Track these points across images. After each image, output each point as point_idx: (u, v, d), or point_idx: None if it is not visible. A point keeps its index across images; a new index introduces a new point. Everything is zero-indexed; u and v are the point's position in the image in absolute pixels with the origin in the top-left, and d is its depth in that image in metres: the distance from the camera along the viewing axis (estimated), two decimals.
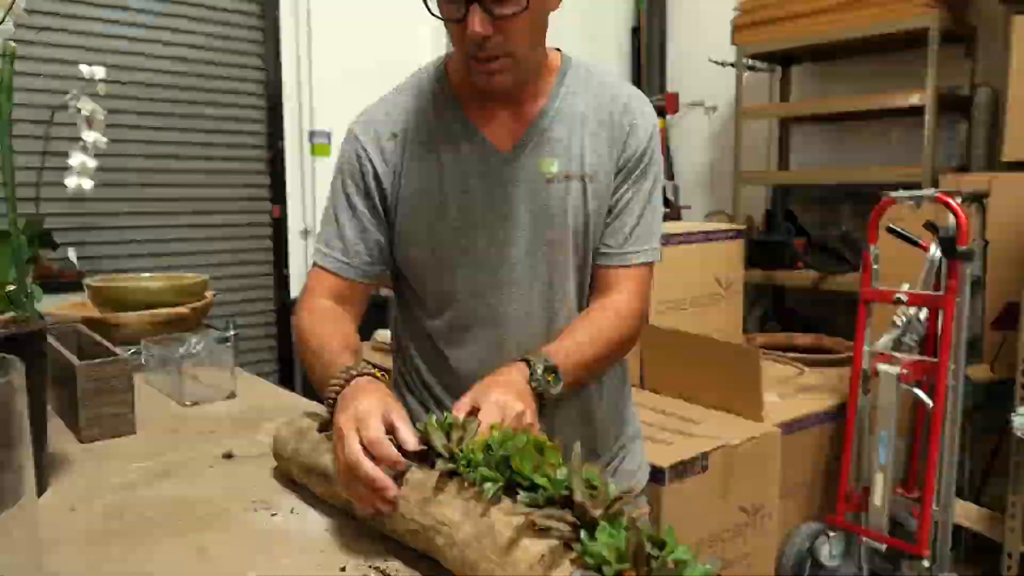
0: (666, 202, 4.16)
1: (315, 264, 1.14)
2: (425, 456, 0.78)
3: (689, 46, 4.34)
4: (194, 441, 1.15)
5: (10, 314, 0.91)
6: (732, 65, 3.84)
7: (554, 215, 1.09)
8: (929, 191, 2.03)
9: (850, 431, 2.21)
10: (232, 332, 1.78)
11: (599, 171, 1.10)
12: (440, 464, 0.74)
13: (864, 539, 2.14)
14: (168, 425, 1.22)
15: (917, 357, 2.08)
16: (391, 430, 0.79)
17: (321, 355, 0.97)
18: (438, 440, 0.76)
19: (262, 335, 3.55)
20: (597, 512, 0.59)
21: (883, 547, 2.09)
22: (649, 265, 1.14)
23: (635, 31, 4.53)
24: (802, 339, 3.32)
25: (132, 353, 1.60)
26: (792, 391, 2.52)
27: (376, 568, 0.76)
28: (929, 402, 2.05)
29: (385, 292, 1.35)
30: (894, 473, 2.12)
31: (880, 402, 2.09)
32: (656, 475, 1.84)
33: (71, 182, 2.58)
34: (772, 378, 2.59)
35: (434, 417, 0.80)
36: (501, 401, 0.83)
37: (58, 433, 1.17)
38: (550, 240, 1.09)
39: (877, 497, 2.08)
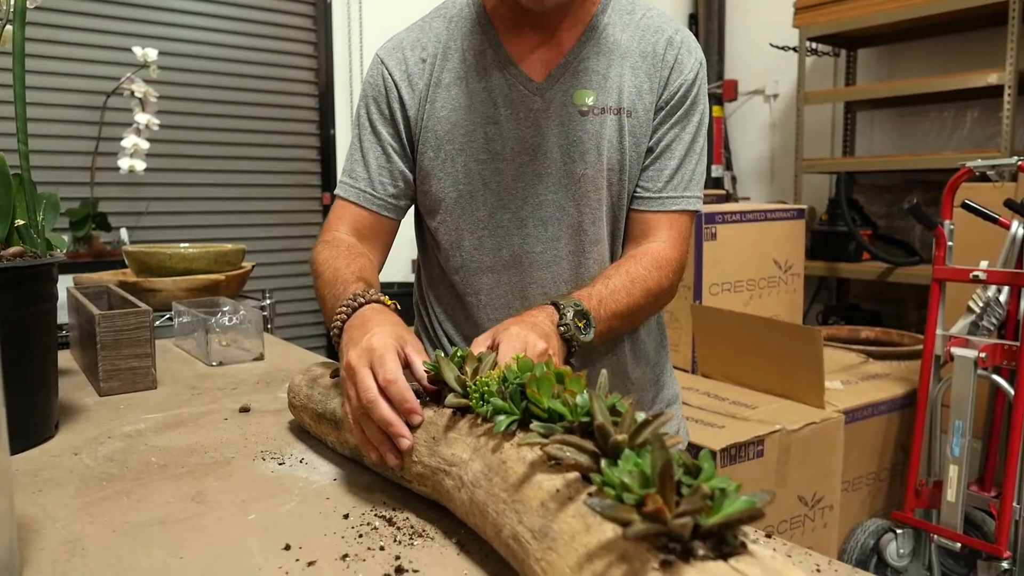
0: (723, 190, 4.01)
1: (337, 196, 1.08)
2: (441, 396, 0.71)
3: (748, 31, 4.20)
4: (214, 396, 1.10)
5: (17, 248, 0.87)
6: (794, 49, 3.69)
7: (587, 150, 1.01)
8: (1011, 159, 1.87)
9: (921, 420, 2.05)
10: (267, 300, 1.74)
11: (638, 106, 1.02)
12: (451, 399, 0.66)
13: (935, 537, 1.98)
14: (190, 383, 1.18)
15: (996, 340, 1.92)
16: (406, 365, 0.71)
17: (334, 287, 0.90)
18: (450, 373, 0.68)
19: (311, 322, 3.55)
20: (620, 437, 0.50)
21: (957, 546, 1.93)
22: (690, 215, 1.06)
23: (693, 17, 4.40)
24: (867, 332, 3.14)
25: (165, 318, 1.58)
26: (856, 379, 2.35)
27: (381, 516, 0.69)
28: (1010, 389, 1.89)
29: None
30: (969, 467, 1.95)
31: (955, 389, 1.93)
32: None
33: (124, 163, 2.60)
34: (835, 365, 2.44)
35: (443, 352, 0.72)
36: (522, 335, 0.75)
37: (80, 387, 1.14)
38: (582, 176, 1.01)
39: (951, 492, 1.93)
